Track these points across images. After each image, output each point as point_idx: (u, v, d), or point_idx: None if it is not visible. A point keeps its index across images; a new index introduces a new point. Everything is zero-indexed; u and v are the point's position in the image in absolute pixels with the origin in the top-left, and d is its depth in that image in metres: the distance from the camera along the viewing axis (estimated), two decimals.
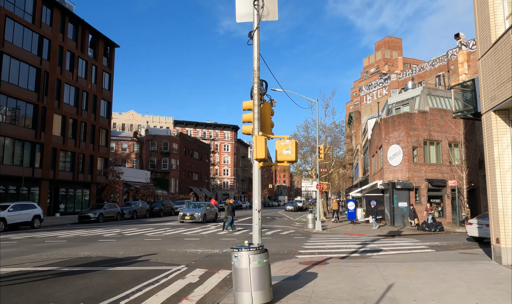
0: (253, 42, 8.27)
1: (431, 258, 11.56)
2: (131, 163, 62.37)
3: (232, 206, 21.44)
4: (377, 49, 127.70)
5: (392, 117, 29.97)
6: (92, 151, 43.36)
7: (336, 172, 59.74)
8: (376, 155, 34.81)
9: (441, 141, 29.39)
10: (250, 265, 6.44)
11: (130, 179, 50.22)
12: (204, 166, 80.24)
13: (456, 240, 18.84)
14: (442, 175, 29.01)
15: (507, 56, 8.76)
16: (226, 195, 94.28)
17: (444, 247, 15.90)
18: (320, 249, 14.67)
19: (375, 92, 52.89)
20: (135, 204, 37.59)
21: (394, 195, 27.83)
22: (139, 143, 63.35)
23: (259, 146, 7.01)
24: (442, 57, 43.33)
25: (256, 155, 7.05)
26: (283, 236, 19.63)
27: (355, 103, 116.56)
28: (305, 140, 44.13)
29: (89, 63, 43.10)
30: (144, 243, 15.68)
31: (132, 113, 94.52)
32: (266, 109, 8.33)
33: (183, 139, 68.17)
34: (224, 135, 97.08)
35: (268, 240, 17.31)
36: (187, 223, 26.72)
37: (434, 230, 24.12)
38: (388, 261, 10.90)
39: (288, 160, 7.38)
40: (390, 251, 14.43)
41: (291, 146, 7.36)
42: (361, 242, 17.31)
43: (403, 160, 28.52)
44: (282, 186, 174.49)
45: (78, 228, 23.84)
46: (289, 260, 11.58)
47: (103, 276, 9.26)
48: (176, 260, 11.72)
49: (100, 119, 44.87)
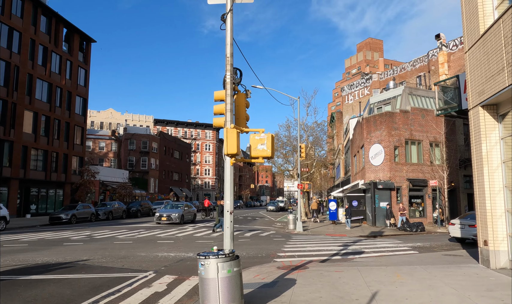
0: (226, 26, 7.49)
1: (415, 261, 11.02)
2: (109, 162, 60.56)
3: (223, 207, 20.86)
4: (358, 50, 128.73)
5: (374, 116, 29.68)
6: (66, 149, 41.63)
7: (318, 171, 59.50)
8: (357, 155, 34.53)
9: (422, 141, 29.27)
10: (219, 274, 5.65)
11: (107, 178, 48.59)
12: (185, 165, 78.85)
13: (438, 240, 18.51)
14: (423, 174, 28.88)
15: (497, 48, 8.25)
16: (208, 195, 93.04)
17: (427, 248, 15.48)
18: (301, 251, 13.99)
19: (357, 92, 52.86)
20: (111, 204, 36.18)
21: (375, 194, 27.50)
22: (117, 142, 61.58)
23: (230, 140, 6.23)
24: (423, 57, 43.53)
25: (227, 149, 6.27)
26: (262, 238, 18.90)
27: (337, 104, 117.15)
28: (287, 139, 43.57)
29: (63, 58, 41.36)
30: (113, 246, 14.66)
31: (111, 112, 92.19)
32: (240, 101, 7.55)
33: (163, 138, 66.69)
34: (206, 134, 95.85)
35: (246, 242, 16.54)
36: (164, 224, 25.68)
37: (415, 230, 23.86)
38: (371, 265, 10.28)
39: (263, 155, 6.63)
40: (373, 253, 13.88)
41: (266, 141, 6.61)
42: (342, 243, 16.74)
43: (384, 160, 28.24)
44: (264, 186, 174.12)
45: (47, 230, 22.50)
46: (267, 264, 10.83)
47: (58, 286, 8.29)
48: (145, 265, 10.81)
49: (75, 116, 43.14)
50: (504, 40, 7.91)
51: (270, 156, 6.60)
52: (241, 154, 6.96)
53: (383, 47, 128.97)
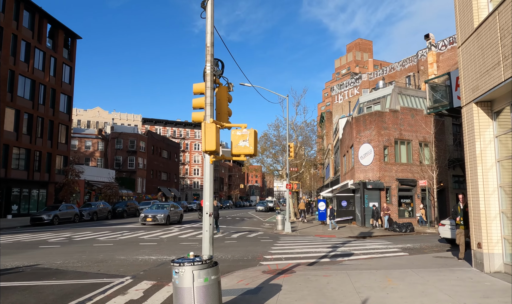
0: (206, 14, 6.95)
1: (406, 264, 10.62)
2: (95, 162, 59.39)
3: (217, 208, 20.80)
4: (348, 51, 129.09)
5: (364, 116, 29.40)
6: (50, 148, 40.51)
7: (307, 171, 59.25)
8: (347, 154, 34.25)
9: (412, 141, 29.10)
10: (195, 283, 5.11)
11: (92, 178, 47.54)
12: (174, 165, 77.88)
13: (428, 241, 18.23)
14: (413, 174, 28.70)
15: (492, 41, 7.87)
16: (197, 195, 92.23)
17: (417, 249, 15.14)
18: (288, 253, 13.51)
19: (347, 92, 52.69)
20: (95, 204, 35.28)
21: (365, 195, 27.20)
22: (104, 141, 60.43)
23: (209, 135, 5.70)
24: (412, 58, 43.52)
25: (205, 145, 5.73)
26: (249, 239, 18.38)
27: (327, 104, 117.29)
28: (276, 139, 43.14)
29: (47, 54, 40.24)
30: (92, 249, 13.98)
31: (98, 110, 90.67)
32: (222, 94, 7.02)
33: (151, 137, 65.69)
34: (195, 134, 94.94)
35: (233, 244, 16.00)
36: (149, 225, 24.97)
37: (404, 231, 23.61)
38: (360, 268, 9.85)
39: (245, 152, 6.11)
40: (362, 255, 13.47)
41: (249, 137, 6.09)
42: (331, 244, 16.32)
43: (374, 159, 27.96)
44: (254, 186, 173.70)
45: (26, 232, 21.63)
46: (252, 268, 10.31)
47: (23, 294, 7.65)
48: (123, 270, 10.20)
49: (59, 114, 42.03)
50: (500, 33, 7.53)
51: (252, 153, 6.08)
52: (220, 151, 6.46)
53: (372, 48, 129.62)
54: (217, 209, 21.05)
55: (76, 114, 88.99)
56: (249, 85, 24.12)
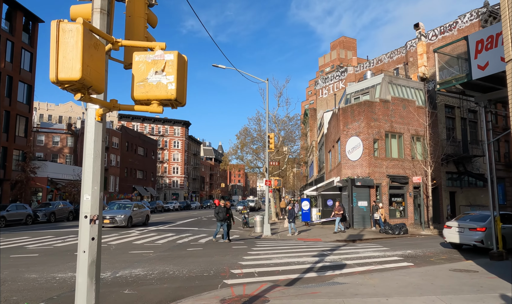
0: None
1: (423, 283, 7.75)
2: (64, 159, 55.16)
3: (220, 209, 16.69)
4: (332, 48, 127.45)
5: (352, 106, 26.73)
6: (6, 142, 36.42)
7: (290, 169, 56.51)
8: (333, 150, 31.56)
9: (403, 134, 26.61)
10: None
11: (57, 175, 43.51)
12: (150, 163, 73.99)
13: (429, 246, 15.57)
14: (404, 171, 26.21)
15: None
16: (176, 194, 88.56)
17: (422, 257, 12.40)
18: (263, 265, 10.54)
19: (332, 85, 50.15)
20: (54, 204, 31.55)
21: (353, 193, 24.51)
22: (73, 137, 56.21)
23: (65, 47, 2.61)
24: (400, 49, 41.25)
25: (58, 69, 2.63)
26: (219, 245, 15.33)
27: (311, 102, 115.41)
28: (257, 134, 40.19)
29: (2, 37, 36.13)
30: (4, 262, 10.63)
31: (71, 105, 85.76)
32: (135, 7, 3.95)
33: (125, 133, 61.78)
34: (175, 131, 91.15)
35: (196, 253, 12.92)
36: (107, 227, 21.58)
37: (398, 233, 21.01)
38: (361, 293, 6.93)
39: (161, 96, 3.05)
40: (357, 266, 10.63)
41: (169, 67, 3.05)
42: (317, 251, 13.43)
43: (363, 154, 25.31)
44: (237, 185, 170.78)
45: None
46: (208, 294, 7.23)
47: None
48: (18, 297, 7.01)
49: (17, 105, 37.92)
50: None
51: (175, 98, 3.04)
52: (103, 95, 3.40)
53: (356, 46, 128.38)
54: (219, 210, 16.66)
55: (47, 109, 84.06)
56: (224, 67, 21.04)
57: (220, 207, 16.87)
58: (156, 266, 10.22)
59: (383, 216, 22.80)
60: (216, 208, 17.04)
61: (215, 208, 16.94)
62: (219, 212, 16.62)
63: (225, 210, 16.74)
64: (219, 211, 16.66)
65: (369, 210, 24.82)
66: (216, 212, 16.76)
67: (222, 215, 16.56)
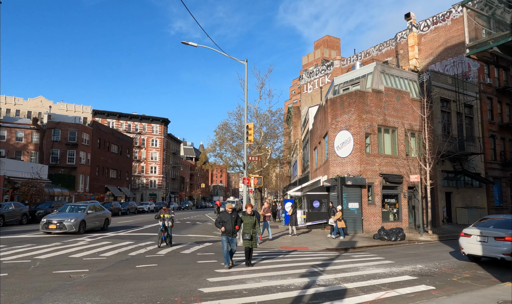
0: None
1: None
2: (29, 156, 50.77)
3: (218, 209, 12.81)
4: (316, 47, 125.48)
5: (341, 96, 24.02)
6: None
7: (273, 169, 53.59)
8: (319, 146, 28.82)
9: (397, 129, 24.07)
10: None
11: (16, 173, 39.30)
12: (125, 161, 69.84)
13: (438, 257, 12.82)
14: (398, 169, 23.66)
15: None
16: (154, 195, 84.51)
17: (439, 276, 9.61)
18: (233, 294, 7.51)
19: (317, 80, 47.56)
20: (4, 205, 27.69)
21: (343, 193, 21.75)
22: (39, 132, 51.86)
23: None
24: (390, 41, 38.96)
25: None
26: (183, 258, 12.19)
27: (294, 102, 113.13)
28: (237, 130, 37.25)
29: None
30: None
31: (41, 100, 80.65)
32: None
33: (97, 129, 57.64)
34: (153, 128, 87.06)
35: (146, 272, 9.75)
36: (55, 234, 18.12)
37: (394, 239, 18.36)
38: None
39: None
40: (361, 292, 7.74)
41: None
42: (306, 268, 10.48)
43: (354, 149, 22.61)
44: (218, 186, 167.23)
45: None
46: None
47: None
48: None
49: None
50: None
51: None
52: None
53: (340, 46, 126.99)
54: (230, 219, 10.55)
55: (14, 104, 78.83)
56: (195, 45, 17.91)
57: (224, 213, 10.77)
58: (75, 298, 7.02)
59: (340, 223, 19.05)
60: (219, 214, 11.08)
61: (218, 212, 11.75)
62: (223, 220, 10.57)
63: (234, 218, 10.59)
64: (223, 218, 10.62)
65: (361, 213, 22.14)
66: (219, 221, 10.66)
67: (229, 225, 10.40)
